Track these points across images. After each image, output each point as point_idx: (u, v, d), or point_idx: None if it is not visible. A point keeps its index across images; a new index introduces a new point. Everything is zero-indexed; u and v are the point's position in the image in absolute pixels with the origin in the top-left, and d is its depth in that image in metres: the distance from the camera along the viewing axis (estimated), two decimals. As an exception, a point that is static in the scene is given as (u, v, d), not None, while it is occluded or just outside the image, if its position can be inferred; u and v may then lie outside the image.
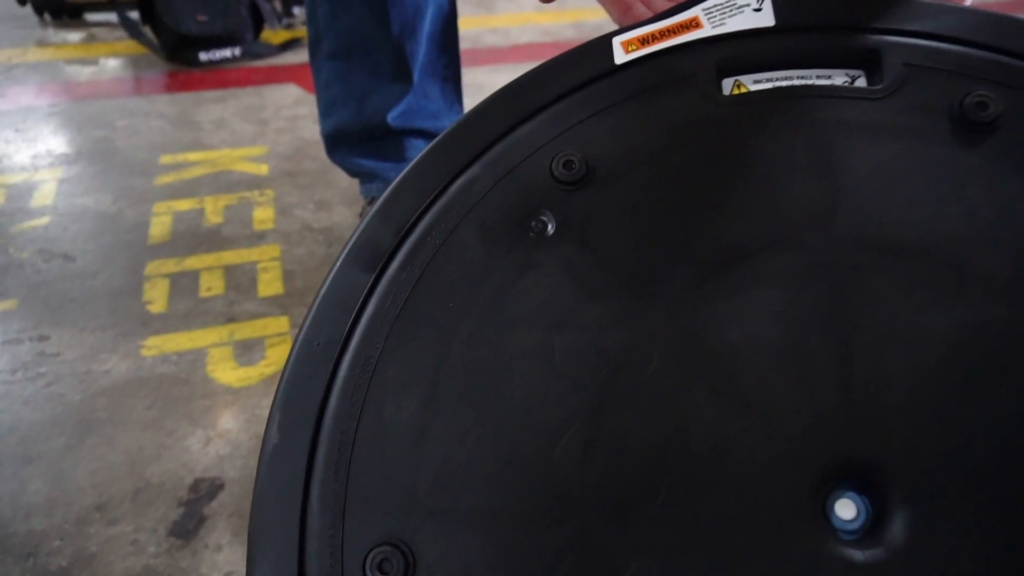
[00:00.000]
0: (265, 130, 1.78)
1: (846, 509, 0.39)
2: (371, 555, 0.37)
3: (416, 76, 1.13)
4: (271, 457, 0.40)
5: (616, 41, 0.47)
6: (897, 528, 0.37)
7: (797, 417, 0.39)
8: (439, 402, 0.40)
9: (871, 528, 0.38)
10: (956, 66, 0.44)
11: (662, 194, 0.44)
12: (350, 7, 1.06)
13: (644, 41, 0.47)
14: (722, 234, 0.43)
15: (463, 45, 1.25)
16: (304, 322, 0.43)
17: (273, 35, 2.33)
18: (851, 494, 0.39)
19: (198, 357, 1.11)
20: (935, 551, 0.37)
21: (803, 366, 0.40)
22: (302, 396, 0.41)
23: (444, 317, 0.42)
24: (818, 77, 0.47)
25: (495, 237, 0.43)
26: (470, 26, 2.48)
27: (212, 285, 1.26)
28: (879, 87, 0.44)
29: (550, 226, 0.43)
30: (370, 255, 0.43)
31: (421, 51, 1.10)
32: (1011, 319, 0.39)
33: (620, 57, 0.46)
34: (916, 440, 0.39)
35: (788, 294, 0.41)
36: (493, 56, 2.28)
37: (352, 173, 1.29)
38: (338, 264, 0.44)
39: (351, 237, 0.44)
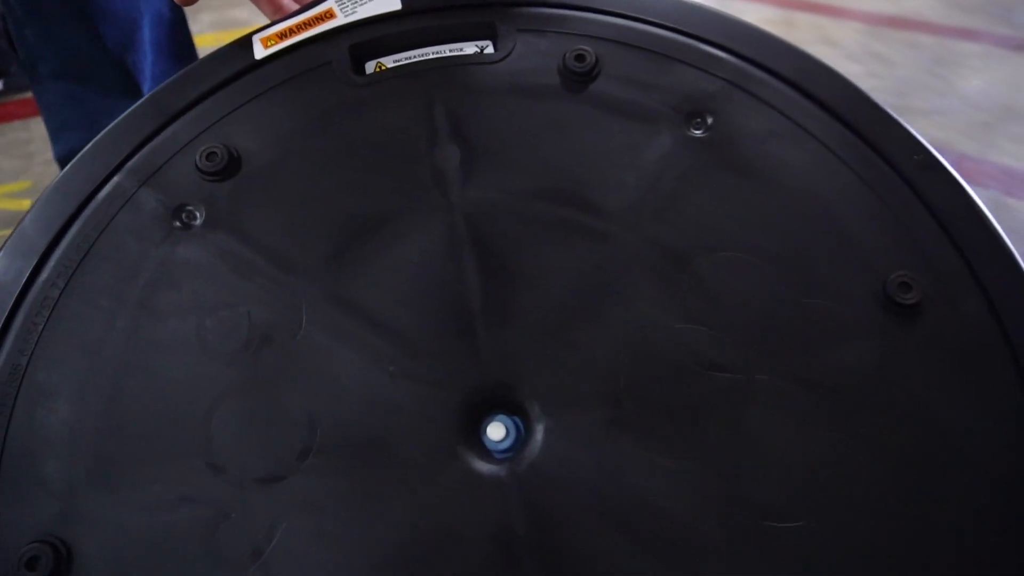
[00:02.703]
0: (31, 164, 1.68)
1: (496, 431, 0.42)
2: (22, 552, 0.37)
3: (146, 89, 1.08)
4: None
5: (256, 38, 0.49)
6: (539, 441, 0.41)
7: (444, 356, 0.42)
8: (90, 400, 0.41)
9: (522, 445, 0.41)
10: (560, 27, 0.49)
11: (306, 175, 0.46)
12: (60, 25, 1.01)
13: (282, 36, 0.49)
14: (363, 204, 0.45)
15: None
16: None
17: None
18: (501, 416, 0.42)
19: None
20: (572, 457, 0.40)
21: (443, 309, 0.43)
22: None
23: (96, 317, 0.42)
24: (451, 51, 0.51)
25: (144, 234, 0.44)
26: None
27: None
28: (497, 53, 0.49)
29: (199, 217, 0.45)
30: (19, 265, 0.43)
31: (147, 63, 1.06)
32: (618, 248, 0.44)
33: (260, 53, 0.49)
34: (548, 362, 0.42)
35: (424, 249, 0.44)
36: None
37: None
38: (-12, 281, 0.44)
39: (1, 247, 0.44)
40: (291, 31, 0.49)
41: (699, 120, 0.46)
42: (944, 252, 0.42)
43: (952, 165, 0.45)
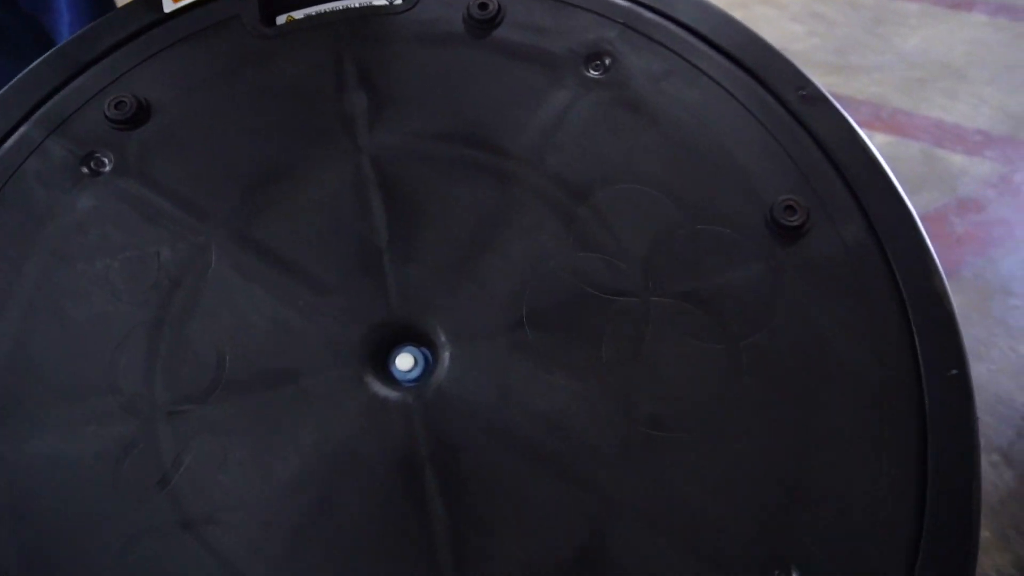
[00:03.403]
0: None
1: (404, 361, 0.43)
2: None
3: None
4: None
5: (165, -7, 0.50)
6: (445, 368, 0.42)
7: (352, 292, 0.43)
8: (-3, 342, 0.41)
9: (429, 373, 0.43)
10: (464, -23, 0.51)
11: (215, 123, 0.47)
12: None
13: (191, -10, 0.50)
14: (271, 150, 0.46)
15: None
16: None
17: None
18: (409, 348, 0.43)
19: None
20: (476, 382, 0.42)
21: (350, 247, 0.44)
22: None
23: (3, 264, 0.43)
24: (360, 2, 0.52)
25: (52, 182, 0.45)
26: None
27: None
28: (404, 3, 0.50)
29: (108, 164, 0.46)
30: (-76, 220, 0.44)
31: (64, 23, 1.03)
32: (520, 185, 0.46)
33: (169, 6, 0.50)
34: (453, 294, 0.43)
35: (331, 191, 0.45)
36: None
37: None
38: None
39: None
40: (200, -15, 0.50)
41: (598, 63, 0.48)
42: (827, 178, 0.44)
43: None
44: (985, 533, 0.54)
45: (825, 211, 0.44)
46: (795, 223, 0.43)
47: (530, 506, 0.38)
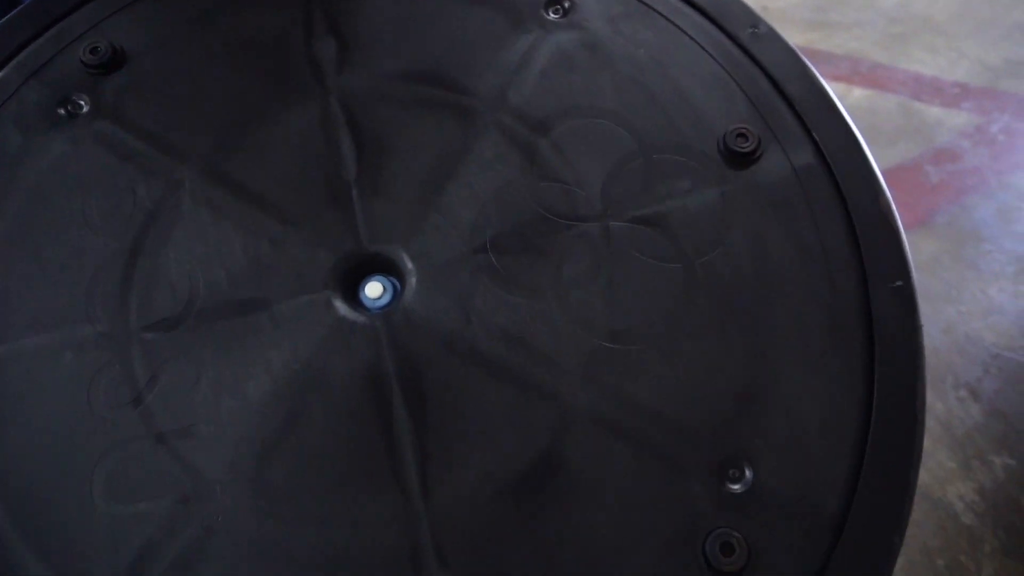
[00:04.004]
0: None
1: (373, 289, 0.44)
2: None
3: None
4: None
5: (139, -53, 0.52)
6: (412, 293, 0.43)
7: (322, 224, 0.45)
8: (-24, 273, 0.42)
9: (397, 300, 0.44)
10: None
11: (187, 68, 0.48)
12: None
13: (164, -56, 0.52)
14: (242, 93, 0.48)
15: None
16: None
17: None
18: (378, 277, 0.45)
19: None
20: (441, 305, 0.43)
21: (320, 182, 0.46)
22: None
23: (-19, 201, 0.44)
24: (329, -42, 0.54)
25: (29, 125, 0.46)
26: None
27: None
28: (371, -45, 0.52)
29: (84, 107, 0.47)
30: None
31: None
32: (483, 121, 0.47)
33: (143, -40, 0.51)
34: (419, 224, 0.45)
35: (300, 130, 0.47)
36: None
37: None
38: None
39: None
40: (173, -60, 0.52)
41: (557, 6, 0.50)
42: (777, 108, 0.46)
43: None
44: (950, 464, 0.55)
45: (776, 139, 0.45)
46: (747, 149, 0.45)
47: (491, 416, 0.40)
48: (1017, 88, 0.78)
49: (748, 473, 0.38)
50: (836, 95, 0.47)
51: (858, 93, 0.79)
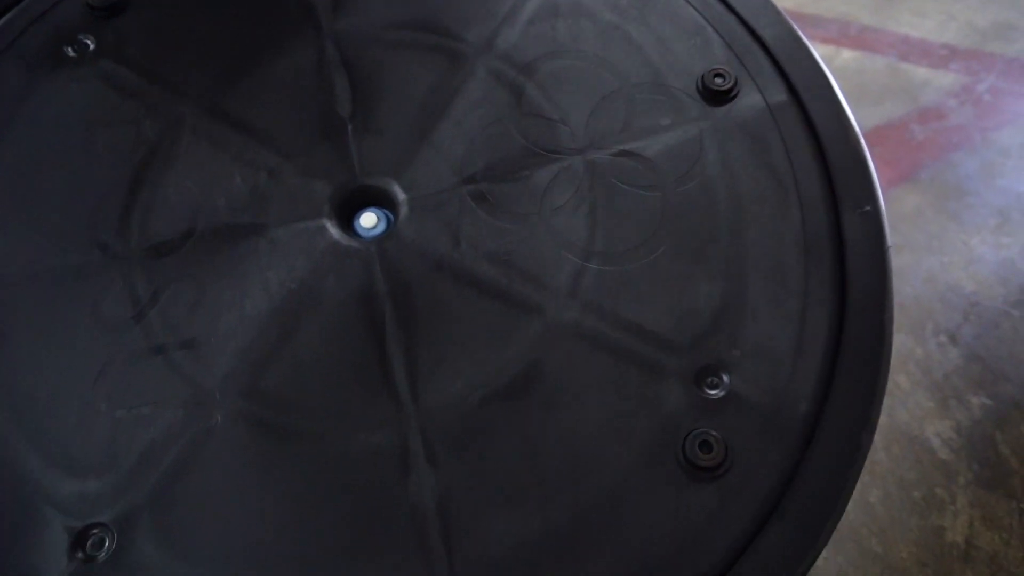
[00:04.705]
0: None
1: (368, 219, 0.46)
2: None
3: None
4: None
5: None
6: (403, 221, 0.45)
7: (318, 157, 0.47)
8: (-18, 197, 0.44)
9: (390, 228, 0.46)
10: None
11: (188, 11, 0.51)
12: None
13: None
14: (240, 36, 0.50)
15: None
16: None
17: None
18: (373, 208, 0.47)
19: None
20: (431, 230, 0.45)
21: (316, 119, 0.48)
22: None
23: (-12, 133, 0.46)
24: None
25: (36, 64, 0.48)
26: None
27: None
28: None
29: (90, 47, 0.49)
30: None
31: None
32: (472, 63, 0.49)
33: (146, -86, 0.53)
34: (411, 157, 0.47)
35: (297, 70, 0.49)
36: None
37: None
38: None
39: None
40: None
41: (544, -41, 0.52)
42: (753, 51, 0.49)
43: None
44: (928, 404, 0.57)
45: (751, 79, 0.48)
46: (724, 88, 0.47)
47: (479, 329, 0.41)
48: (1004, 50, 0.81)
49: (725, 380, 0.40)
50: (824, 58, 0.50)
51: (847, 55, 0.81)
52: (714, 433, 0.38)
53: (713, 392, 0.40)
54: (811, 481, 0.38)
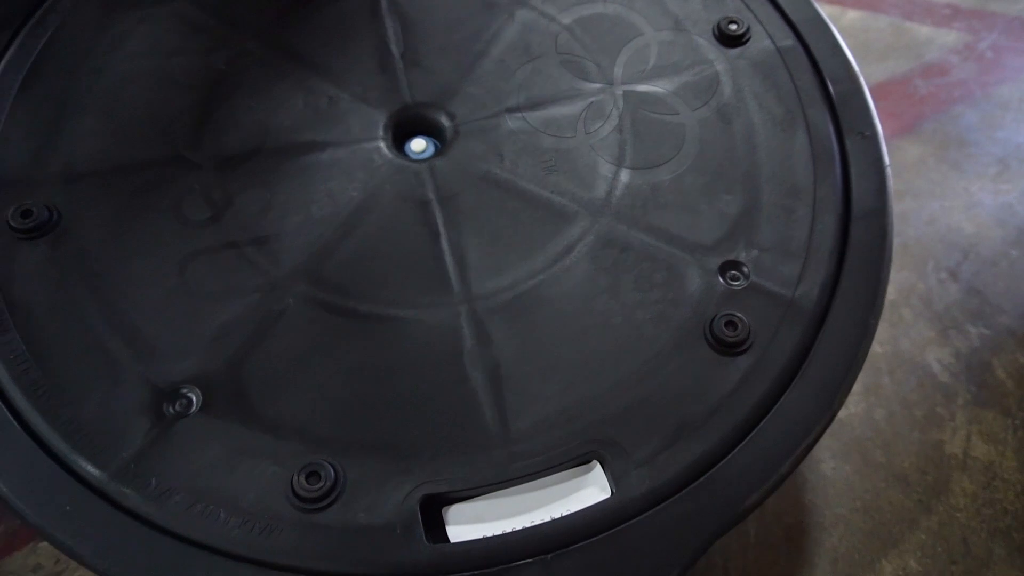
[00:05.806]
0: None
1: (418, 145, 0.51)
2: (14, 209, 0.44)
3: None
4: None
5: None
6: (451, 145, 0.50)
7: (372, 87, 0.52)
8: (69, 113, 0.48)
9: (439, 151, 0.50)
10: None
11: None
12: None
13: None
14: (301, -17, 0.55)
15: None
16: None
17: None
18: (421, 136, 0.52)
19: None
20: (475, 149, 0.50)
21: (370, 54, 0.53)
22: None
23: (71, 60, 0.50)
24: None
25: (113, 4, 0.53)
26: None
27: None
28: None
29: (164, -9, 0.54)
30: None
31: None
32: (517, 12, 0.55)
33: None
34: (458, 87, 0.52)
35: (350, 10, 0.54)
36: None
37: None
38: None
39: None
40: None
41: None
42: (762, 3, 0.54)
43: None
44: (929, 333, 0.61)
45: (762, 26, 0.53)
46: (737, 33, 0.53)
47: (522, 232, 0.46)
48: (1006, 9, 0.87)
49: (746, 271, 0.44)
50: (831, 17, 0.55)
51: (852, 15, 0.87)
52: (738, 315, 0.43)
53: (736, 283, 0.44)
54: (825, 354, 0.42)
